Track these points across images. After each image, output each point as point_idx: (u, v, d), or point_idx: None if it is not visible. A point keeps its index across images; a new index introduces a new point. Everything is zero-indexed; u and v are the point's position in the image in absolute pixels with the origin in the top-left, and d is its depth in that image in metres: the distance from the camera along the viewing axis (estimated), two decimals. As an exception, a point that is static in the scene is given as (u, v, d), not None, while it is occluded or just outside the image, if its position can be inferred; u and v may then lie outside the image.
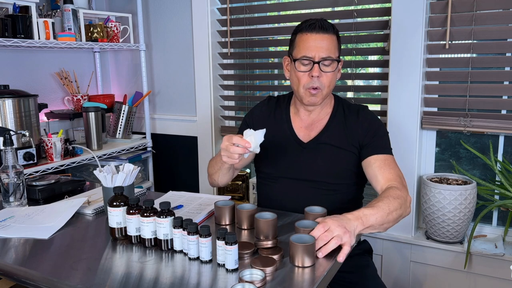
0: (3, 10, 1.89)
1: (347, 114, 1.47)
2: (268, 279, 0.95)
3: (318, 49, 1.34)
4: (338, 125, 1.45)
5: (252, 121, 1.55)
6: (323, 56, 1.34)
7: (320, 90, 1.37)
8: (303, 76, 1.37)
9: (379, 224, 1.19)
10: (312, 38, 1.35)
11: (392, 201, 1.23)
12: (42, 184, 1.54)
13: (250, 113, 1.59)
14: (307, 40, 1.35)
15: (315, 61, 1.34)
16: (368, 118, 1.45)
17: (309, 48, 1.35)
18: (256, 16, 2.29)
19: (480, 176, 1.93)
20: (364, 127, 1.42)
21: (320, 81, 1.36)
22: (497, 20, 1.72)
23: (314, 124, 1.47)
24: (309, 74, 1.36)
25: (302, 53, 1.36)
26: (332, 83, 1.39)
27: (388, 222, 1.22)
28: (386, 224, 1.21)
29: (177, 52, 2.45)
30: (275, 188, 1.49)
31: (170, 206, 1.11)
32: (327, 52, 1.35)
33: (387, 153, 1.40)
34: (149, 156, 2.56)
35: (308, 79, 1.36)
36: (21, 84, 2.17)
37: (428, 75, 1.87)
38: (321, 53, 1.34)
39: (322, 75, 1.36)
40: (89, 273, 1.00)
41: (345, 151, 1.42)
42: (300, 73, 1.37)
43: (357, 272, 1.43)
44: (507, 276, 1.74)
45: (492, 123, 1.76)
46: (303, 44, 1.36)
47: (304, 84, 1.37)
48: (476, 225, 1.75)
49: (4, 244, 1.18)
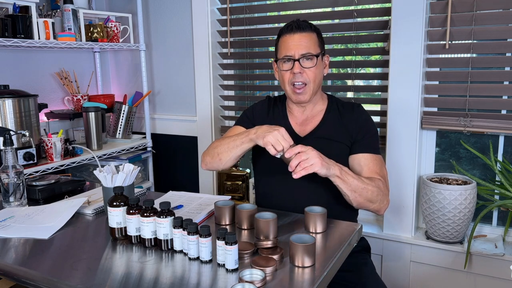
0: (3, 10, 1.89)
1: (341, 110, 1.54)
2: (268, 279, 0.95)
3: (296, 47, 1.42)
4: (333, 120, 1.52)
5: (253, 115, 1.61)
6: (302, 53, 1.42)
7: (307, 85, 1.44)
8: (285, 74, 1.46)
9: (351, 188, 1.32)
10: (290, 38, 1.44)
11: (373, 185, 1.35)
12: (42, 184, 1.54)
13: (251, 108, 1.65)
14: (287, 41, 1.44)
15: (295, 58, 1.42)
16: (363, 115, 1.52)
17: (289, 48, 1.43)
18: (256, 16, 2.29)
19: (480, 176, 1.93)
20: (359, 122, 1.49)
21: (304, 77, 1.43)
22: (497, 20, 1.72)
23: (308, 120, 1.54)
24: (291, 71, 1.44)
25: (283, 53, 1.45)
26: (317, 77, 1.46)
27: (359, 195, 1.34)
28: (356, 193, 1.33)
29: (177, 52, 2.45)
30: (272, 183, 1.52)
31: (170, 206, 1.11)
32: (306, 49, 1.42)
33: (376, 153, 1.47)
34: (149, 156, 2.56)
35: (291, 76, 1.44)
36: (21, 84, 2.17)
37: (428, 75, 1.87)
38: (300, 50, 1.42)
39: (304, 71, 1.43)
40: (89, 273, 1.00)
41: (341, 144, 1.48)
42: (283, 72, 1.46)
43: (356, 270, 1.43)
44: (507, 276, 1.74)
45: (492, 123, 1.76)
46: (283, 45, 1.45)
47: (288, 81, 1.45)
48: (476, 225, 1.75)
49: (4, 244, 1.18)
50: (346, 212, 1.46)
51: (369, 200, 1.36)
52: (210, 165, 1.50)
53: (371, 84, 2.13)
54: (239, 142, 1.38)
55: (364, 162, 1.44)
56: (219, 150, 1.45)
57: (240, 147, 1.39)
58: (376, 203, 1.38)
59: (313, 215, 1.21)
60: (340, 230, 1.25)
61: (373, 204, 1.38)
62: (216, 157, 1.46)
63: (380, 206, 1.39)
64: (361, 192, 1.33)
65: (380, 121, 2.03)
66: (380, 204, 1.39)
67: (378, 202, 1.38)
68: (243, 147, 1.38)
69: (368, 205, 1.38)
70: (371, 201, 1.37)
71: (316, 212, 1.22)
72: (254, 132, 1.34)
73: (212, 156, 1.47)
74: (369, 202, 1.37)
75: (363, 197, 1.35)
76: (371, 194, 1.35)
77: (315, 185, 1.44)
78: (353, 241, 1.21)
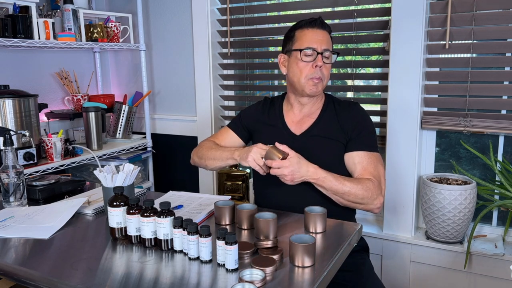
0: (3, 10, 1.89)
1: (337, 108, 1.55)
2: (268, 279, 0.95)
3: (320, 42, 1.45)
4: (329, 118, 1.53)
5: (246, 119, 1.66)
6: (325, 48, 1.46)
7: (321, 81, 1.47)
8: (305, 66, 1.46)
9: (332, 191, 1.37)
10: (314, 32, 1.47)
11: (358, 189, 1.37)
12: (42, 184, 1.54)
13: (247, 109, 1.69)
14: (310, 34, 1.46)
15: (318, 51, 1.45)
16: (359, 113, 1.53)
17: (312, 40, 1.45)
18: (256, 16, 2.29)
19: (480, 176, 1.93)
20: (355, 121, 1.50)
21: (322, 72, 1.46)
22: (497, 20, 1.72)
23: (304, 119, 1.55)
24: (312, 64, 1.45)
25: (305, 44, 1.45)
26: (329, 76, 1.51)
27: (341, 198, 1.38)
28: (337, 196, 1.37)
29: (177, 52, 2.45)
30: (270, 182, 1.52)
31: (170, 206, 1.12)
32: (327, 45, 1.47)
33: (373, 151, 1.47)
34: (149, 156, 2.56)
35: (311, 70, 1.46)
36: (21, 84, 2.17)
37: (428, 75, 1.87)
38: (322, 45, 1.46)
39: (323, 66, 1.46)
40: (89, 273, 1.00)
41: (336, 142, 1.49)
42: (303, 63, 1.46)
43: (354, 270, 1.44)
44: (507, 276, 1.74)
45: (492, 123, 1.76)
46: (306, 37, 1.46)
47: (306, 74, 1.46)
48: (476, 225, 1.75)
49: (4, 244, 1.18)
50: (344, 211, 1.46)
51: (354, 202, 1.38)
52: (197, 165, 1.63)
53: (371, 84, 2.13)
54: (224, 159, 1.49)
55: (358, 160, 1.45)
56: (207, 156, 1.56)
57: (225, 161, 1.50)
58: (363, 205, 1.39)
59: (313, 215, 1.21)
60: (340, 230, 1.25)
61: (360, 205, 1.39)
62: (203, 161, 1.58)
63: (369, 207, 1.40)
64: (342, 195, 1.37)
65: (380, 121, 2.03)
66: (369, 205, 1.39)
67: (365, 203, 1.38)
68: (228, 162, 1.49)
69: (354, 205, 1.40)
70: (357, 202, 1.38)
71: (316, 212, 1.22)
72: (238, 154, 1.44)
73: (200, 158, 1.59)
74: (355, 203, 1.39)
75: (346, 199, 1.38)
76: (354, 198, 1.36)
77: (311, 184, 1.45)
78: (353, 241, 1.21)
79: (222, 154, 1.50)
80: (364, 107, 1.58)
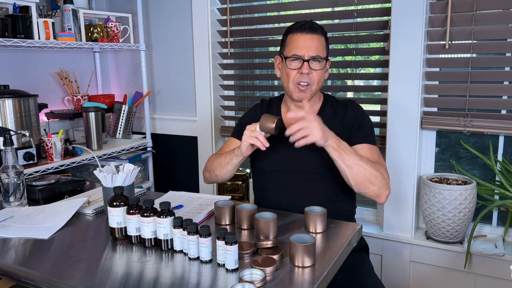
0: (3, 10, 1.89)
1: (335, 108, 1.54)
2: (268, 279, 0.95)
3: (307, 48, 1.42)
4: (327, 118, 1.51)
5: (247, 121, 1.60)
6: (312, 55, 1.42)
7: (310, 86, 1.45)
8: (292, 72, 1.45)
9: (348, 163, 1.31)
10: (302, 38, 1.43)
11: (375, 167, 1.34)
12: (42, 184, 1.54)
13: (245, 115, 1.68)
14: (298, 40, 1.44)
15: (304, 59, 1.42)
16: (355, 111, 1.53)
17: (299, 47, 1.43)
18: (256, 16, 2.29)
19: (480, 176, 1.93)
20: (353, 117, 1.50)
21: (310, 78, 1.44)
22: (497, 20, 1.72)
23: None
24: (298, 71, 1.43)
25: (292, 51, 1.43)
26: (320, 80, 1.47)
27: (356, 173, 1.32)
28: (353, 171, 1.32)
29: (177, 52, 2.45)
30: (269, 183, 1.53)
31: (170, 206, 1.11)
32: (316, 51, 1.43)
33: (372, 143, 1.47)
34: (149, 156, 2.56)
35: (298, 75, 1.44)
36: (21, 84, 2.17)
37: (428, 75, 1.87)
38: (310, 52, 1.42)
39: (311, 72, 1.44)
40: (89, 273, 1.01)
41: None
42: (290, 70, 1.45)
43: (354, 270, 1.43)
44: (507, 276, 1.74)
45: (492, 123, 1.76)
46: (294, 43, 1.44)
47: (293, 79, 1.45)
48: (476, 225, 1.75)
49: (4, 244, 1.18)
50: (344, 211, 1.46)
51: (368, 181, 1.33)
52: (209, 180, 1.60)
53: (371, 84, 2.13)
54: (228, 159, 1.47)
55: (361, 152, 1.42)
56: (214, 166, 1.55)
57: (230, 163, 1.47)
58: (376, 186, 1.35)
59: (313, 215, 1.21)
60: (340, 230, 1.25)
61: (373, 186, 1.34)
62: (213, 173, 1.55)
63: (380, 191, 1.36)
64: (358, 170, 1.32)
65: (380, 121, 2.03)
66: (381, 188, 1.35)
67: (378, 185, 1.34)
68: (233, 162, 1.46)
69: (367, 186, 1.35)
70: (371, 182, 1.34)
71: (316, 212, 1.22)
72: (238, 147, 1.42)
73: (209, 172, 1.58)
74: (369, 183, 1.34)
75: (362, 175, 1.32)
76: (370, 174, 1.33)
77: (310, 183, 1.46)
78: (353, 241, 1.21)
79: (226, 157, 1.49)
80: (364, 107, 1.58)
